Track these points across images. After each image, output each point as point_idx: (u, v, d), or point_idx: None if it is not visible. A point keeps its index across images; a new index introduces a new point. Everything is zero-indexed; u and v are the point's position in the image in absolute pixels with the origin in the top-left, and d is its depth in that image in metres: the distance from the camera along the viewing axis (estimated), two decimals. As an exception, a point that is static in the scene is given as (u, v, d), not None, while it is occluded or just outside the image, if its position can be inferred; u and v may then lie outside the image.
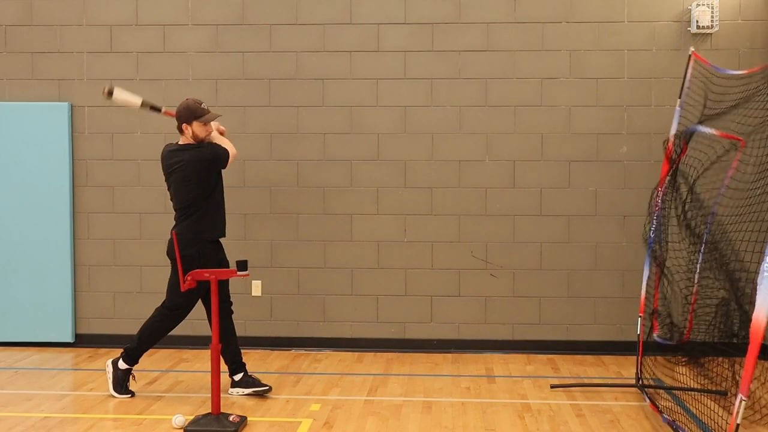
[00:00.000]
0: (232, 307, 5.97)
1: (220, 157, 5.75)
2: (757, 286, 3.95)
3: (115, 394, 5.82)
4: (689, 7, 7.06)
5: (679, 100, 6.23)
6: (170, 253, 5.71)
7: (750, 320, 3.95)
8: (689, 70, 6.17)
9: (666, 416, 5.07)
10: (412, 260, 7.30)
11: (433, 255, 7.30)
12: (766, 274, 3.90)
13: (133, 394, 5.87)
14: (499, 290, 7.27)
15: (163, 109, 6.07)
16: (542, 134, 7.21)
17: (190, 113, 5.67)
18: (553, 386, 6.10)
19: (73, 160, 7.40)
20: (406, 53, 7.25)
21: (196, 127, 5.68)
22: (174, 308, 5.82)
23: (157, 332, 5.89)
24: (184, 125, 5.71)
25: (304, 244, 7.34)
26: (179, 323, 5.95)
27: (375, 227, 7.31)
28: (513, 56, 7.20)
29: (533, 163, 7.22)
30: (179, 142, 5.80)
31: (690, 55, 6.22)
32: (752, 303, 3.99)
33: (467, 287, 7.29)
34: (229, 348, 5.85)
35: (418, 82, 7.25)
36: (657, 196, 6.14)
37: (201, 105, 5.70)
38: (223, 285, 5.81)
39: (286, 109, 7.32)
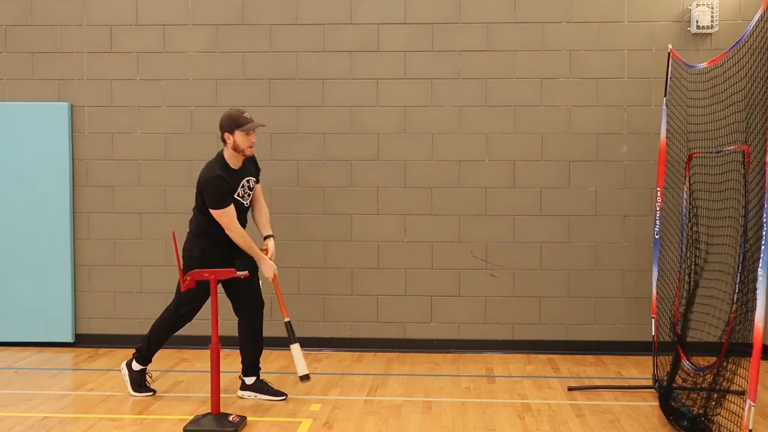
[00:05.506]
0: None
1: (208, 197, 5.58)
2: (756, 291, 3.94)
3: (135, 394, 5.84)
4: (689, 7, 7.07)
5: (664, 99, 6.27)
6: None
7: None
8: (669, 69, 6.21)
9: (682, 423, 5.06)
10: (412, 260, 7.30)
11: (433, 255, 7.30)
12: (761, 278, 3.88)
13: (154, 392, 5.91)
14: (499, 290, 7.27)
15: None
16: (542, 134, 7.21)
17: (232, 122, 5.52)
18: (570, 388, 6.08)
19: (73, 160, 7.40)
20: (406, 53, 7.25)
21: (238, 137, 5.51)
22: (179, 307, 5.82)
23: (165, 331, 5.89)
24: (226, 134, 5.54)
25: (304, 244, 7.34)
26: (186, 323, 5.94)
27: (375, 227, 7.31)
28: (513, 56, 7.20)
29: (533, 163, 7.22)
30: (223, 155, 5.66)
31: (669, 53, 6.26)
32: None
33: (467, 287, 7.29)
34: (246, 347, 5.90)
35: (418, 82, 7.25)
36: (657, 196, 6.16)
37: (244, 114, 5.53)
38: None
39: (286, 109, 7.32)
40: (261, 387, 5.84)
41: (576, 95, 7.18)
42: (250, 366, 5.85)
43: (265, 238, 5.84)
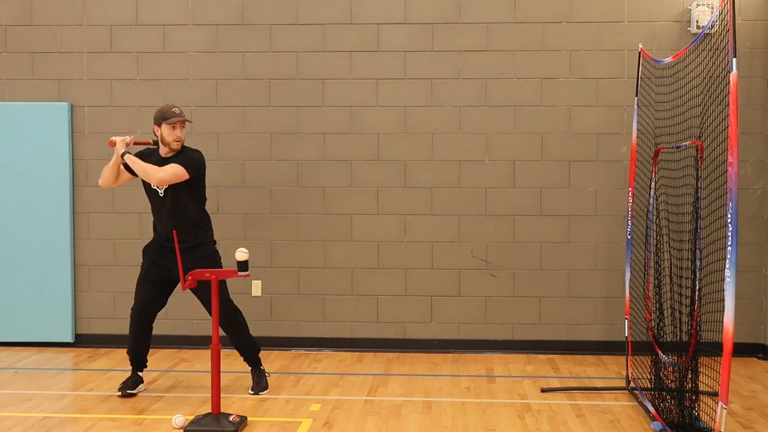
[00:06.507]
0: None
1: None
2: (723, 291, 3.91)
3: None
4: (689, 7, 7.07)
5: (635, 99, 6.28)
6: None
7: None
8: (640, 68, 6.21)
9: (659, 423, 5.06)
10: (412, 260, 7.31)
11: (433, 255, 7.30)
12: (729, 280, 3.86)
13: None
14: (499, 290, 7.27)
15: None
16: (542, 134, 7.22)
17: (159, 115, 5.72)
18: (543, 389, 6.08)
19: (73, 160, 7.40)
20: (406, 53, 7.25)
21: (165, 130, 5.68)
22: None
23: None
24: (155, 127, 5.76)
25: (304, 244, 7.34)
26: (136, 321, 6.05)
27: (375, 227, 7.31)
28: (513, 56, 7.20)
29: (533, 163, 7.22)
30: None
31: (639, 52, 6.27)
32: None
33: (467, 287, 7.29)
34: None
35: (418, 82, 7.25)
36: (629, 197, 6.20)
37: (172, 109, 5.72)
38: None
39: (286, 109, 7.32)
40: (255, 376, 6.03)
41: (576, 95, 7.18)
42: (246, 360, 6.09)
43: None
